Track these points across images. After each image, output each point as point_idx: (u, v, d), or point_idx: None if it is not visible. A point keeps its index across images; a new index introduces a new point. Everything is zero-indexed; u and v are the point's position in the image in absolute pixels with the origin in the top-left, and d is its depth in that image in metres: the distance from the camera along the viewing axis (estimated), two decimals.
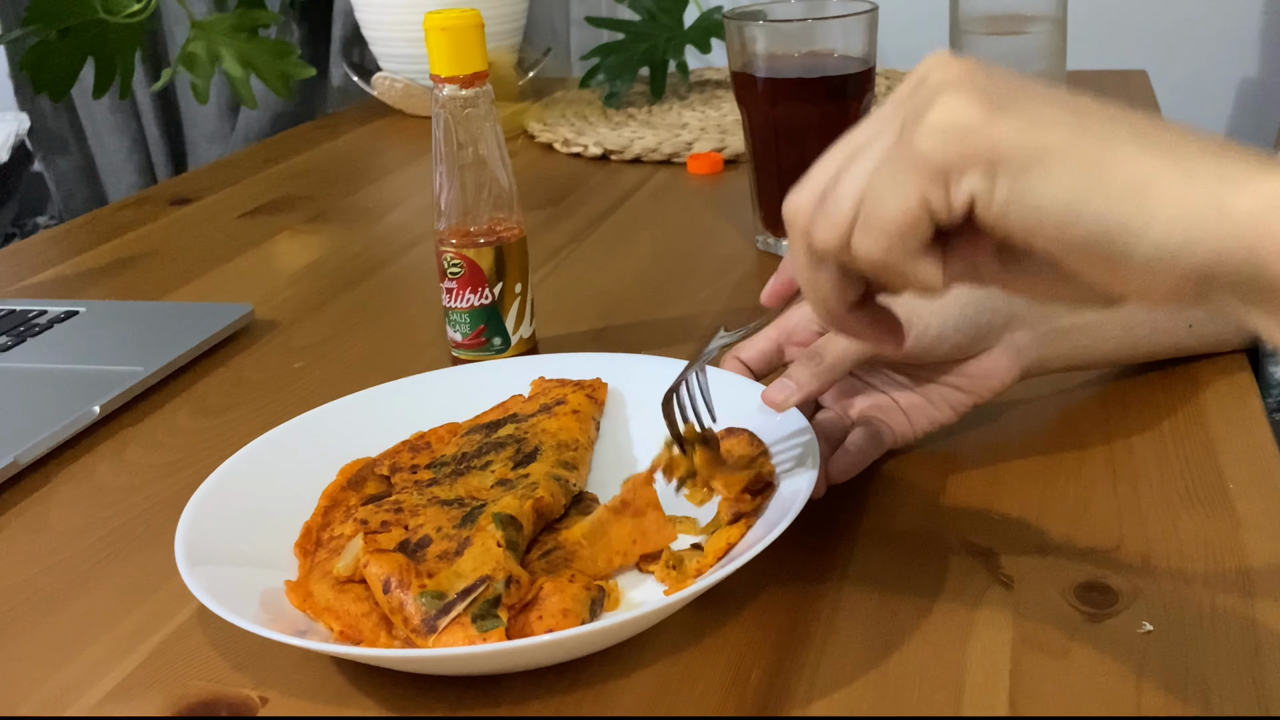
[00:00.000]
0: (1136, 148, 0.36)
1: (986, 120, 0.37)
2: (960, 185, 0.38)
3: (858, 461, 0.60)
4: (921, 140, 0.38)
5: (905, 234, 0.40)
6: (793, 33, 0.90)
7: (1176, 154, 0.36)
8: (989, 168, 0.38)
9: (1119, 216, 0.36)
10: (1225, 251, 0.35)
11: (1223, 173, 0.35)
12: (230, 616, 0.48)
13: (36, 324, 0.87)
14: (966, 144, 0.38)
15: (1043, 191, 0.37)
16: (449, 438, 0.64)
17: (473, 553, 0.51)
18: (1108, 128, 0.37)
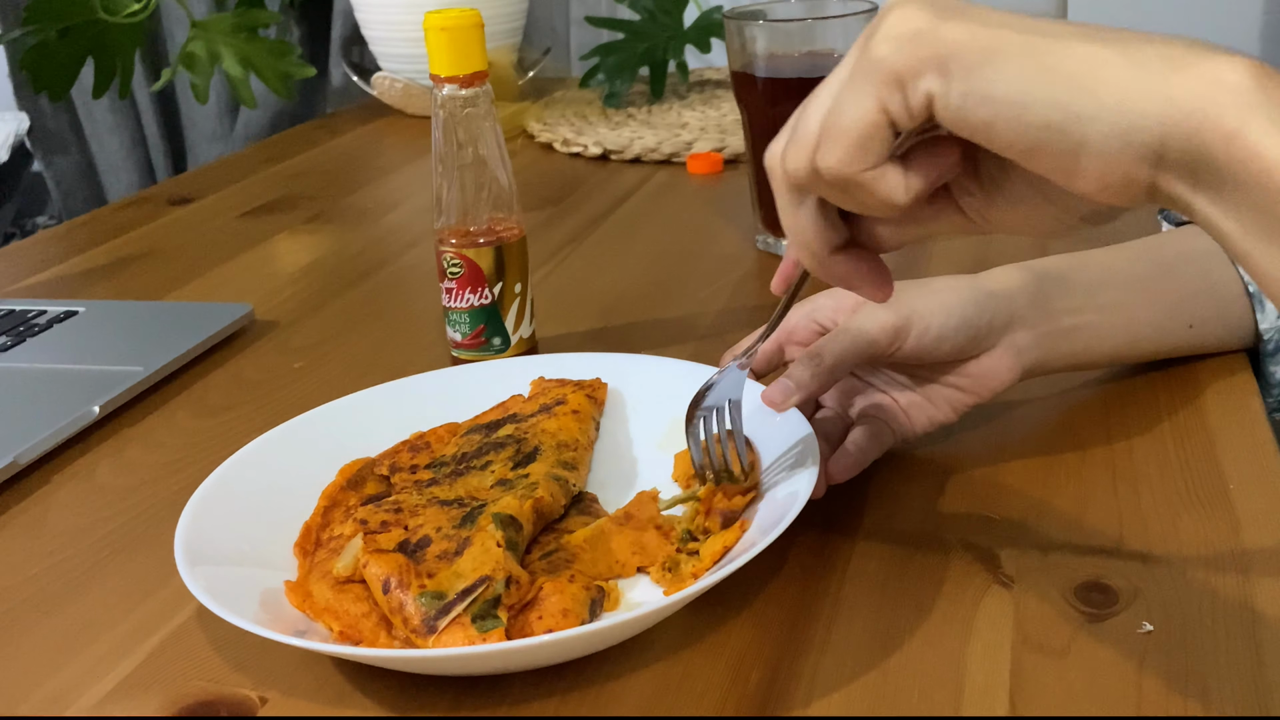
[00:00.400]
0: (1083, 40, 0.38)
1: (936, 24, 0.39)
2: (917, 86, 0.39)
3: (858, 461, 0.60)
4: (876, 49, 0.40)
5: (865, 141, 0.41)
6: (793, 33, 0.90)
7: (1123, 44, 0.37)
8: (942, 67, 0.39)
9: (1069, 102, 0.37)
10: (1170, 132, 0.36)
11: (1168, 56, 0.36)
12: (230, 617, 0.48)
13: (36, 324, 0.87)
14: (919, 47, 0.39)
15: (995, 83, 0.38)
16: (449, 438, 0.64)
17: (472, 553, 0.51)
18: (1054, 27, 0.38)
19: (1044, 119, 0.37)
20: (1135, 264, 0.66)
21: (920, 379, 0.63)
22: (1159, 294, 0.66)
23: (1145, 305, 0.66)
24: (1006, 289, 0.62)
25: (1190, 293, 0.67)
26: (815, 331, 0.63)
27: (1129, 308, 0.65)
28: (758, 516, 0.55)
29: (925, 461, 0.63)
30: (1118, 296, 0.65)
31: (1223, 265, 0.67)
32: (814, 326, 0.63)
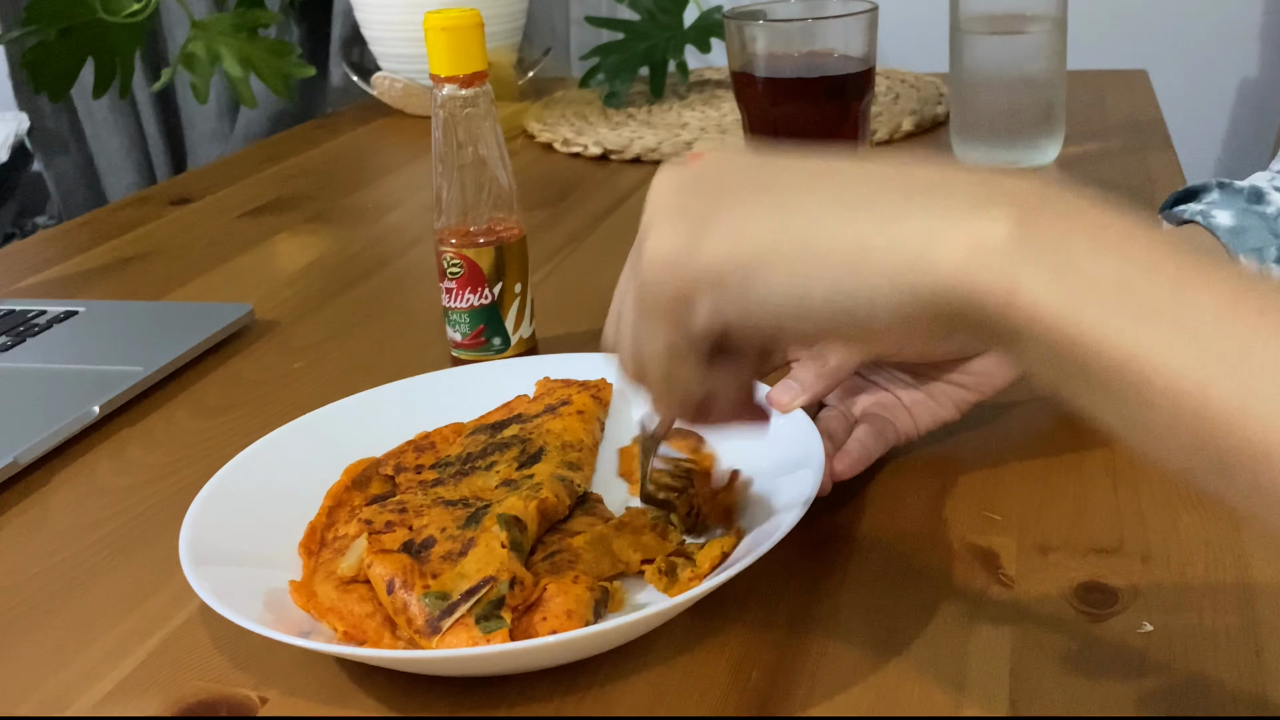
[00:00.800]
0: (841, 218, 0.36)
1: (692, 244, 0.38)
2: (695, 310, 0.39)
3: (862, 459, 0.60)
4: (645, 276, 0.40)
5: (676, 378, 0.42)
6: (793, 33, 0.90)
7: (882, 212, 0.36)
8: (711, 289, 0.38)
9: (843, 293, 0.36)
10: (948, 303, 0.35)
11: (928, 225, 0.35)
12: (234, 617, 0.48)
13: (36, 324, 0.87)
14: (680, 274, 0.39)
15: (768, 294, 0.37)
16: (454, 438, 0.64)
17: (477, 554, 0.51)
18: (811, 206, 0.37)
19: (825, 312, 0.37)
20: None
21: (923, 377, 0.63)
22: None
23: None
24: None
25: None
26: None
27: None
28: (760, 517, 0.55)
29: (925, 461, 0.63)
30: None
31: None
32: None
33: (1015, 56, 1.07)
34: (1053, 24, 1.06)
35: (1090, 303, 0.32)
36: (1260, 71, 1.66)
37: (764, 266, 0.37)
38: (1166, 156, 1.11)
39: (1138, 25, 1.65)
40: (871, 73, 0.90)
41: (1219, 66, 1.66)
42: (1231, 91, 1.68)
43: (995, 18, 1.07)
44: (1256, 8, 1.63)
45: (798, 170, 0.39)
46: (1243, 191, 0.70)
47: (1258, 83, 1.66)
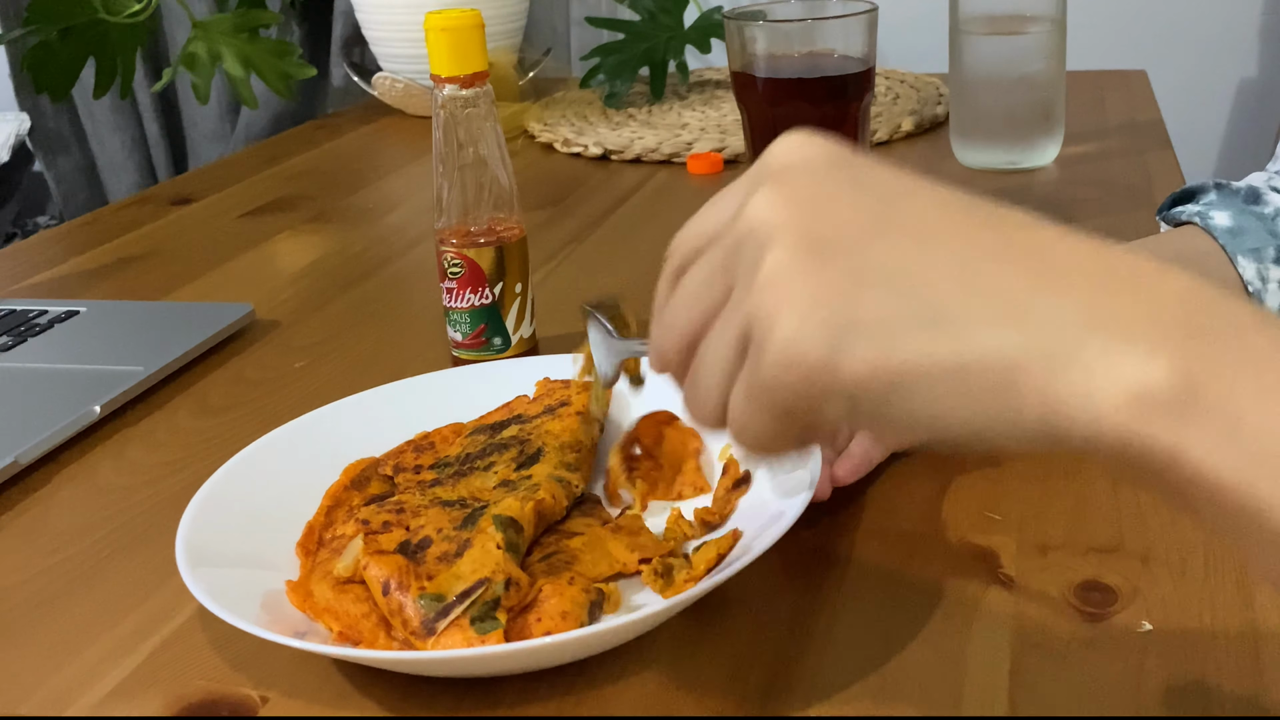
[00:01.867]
0: (994, 328, 0.33)
1: (833, 356, 0.35)
2: (822, 415, 0.37)
3: (862, 465, 0.60)
4: (770, 376, 0.36)
5: (779, 447, 0.39)
6: (793, 33, 0.90)
7: (1039, 322, 0.33)
8: (846, 402, 0.36)
9: (986, 420, 0.34)
10: (1100, 449, 0.33)
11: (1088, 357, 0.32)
12: (230, 618, 0.48)
13: (37, 324, 0.87)
14: (817, 386, 0.35)
15: (907, 414, 0.35)
16: (453, 438, 0.64)
17: (472, 555, 0.51)
18: (961, 304, 0.34)
19: (963, 433, 0.35)
20: None
21: None
22: None
23: None
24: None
25: None
26: None
27: None
28: (757, 517, 0.55)
29: (925, 461, 0.63)
30: None
31: (1221, 265, 0.67)
32: None
33: (1015, 57, 1.07)
34: (1052, 24, 1.06)
35: (1259, 469, 0.31)
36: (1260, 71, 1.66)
37: (910, 388, 0.34)
38: (1166, 156, 1.11)
39: (1138, 25, 1.65)
40: (871, 73, 0.90)
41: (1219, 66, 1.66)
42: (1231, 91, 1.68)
43: (995, 18, 1.07)
44: (1256, 8, 1.63)
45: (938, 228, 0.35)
46: (1240, 192, 0.70)
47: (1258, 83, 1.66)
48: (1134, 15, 1.65)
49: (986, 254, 0.35)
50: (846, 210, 0.36)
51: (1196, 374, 0.31)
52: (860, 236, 0.35)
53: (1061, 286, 0.34)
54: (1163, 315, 0.32)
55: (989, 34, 1.07)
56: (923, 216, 0.36)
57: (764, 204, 0.37)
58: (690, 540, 0.56)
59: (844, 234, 0.36)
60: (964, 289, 0.34)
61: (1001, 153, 1.10)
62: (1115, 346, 0.32)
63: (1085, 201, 1.00)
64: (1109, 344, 0.32)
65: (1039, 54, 1.06)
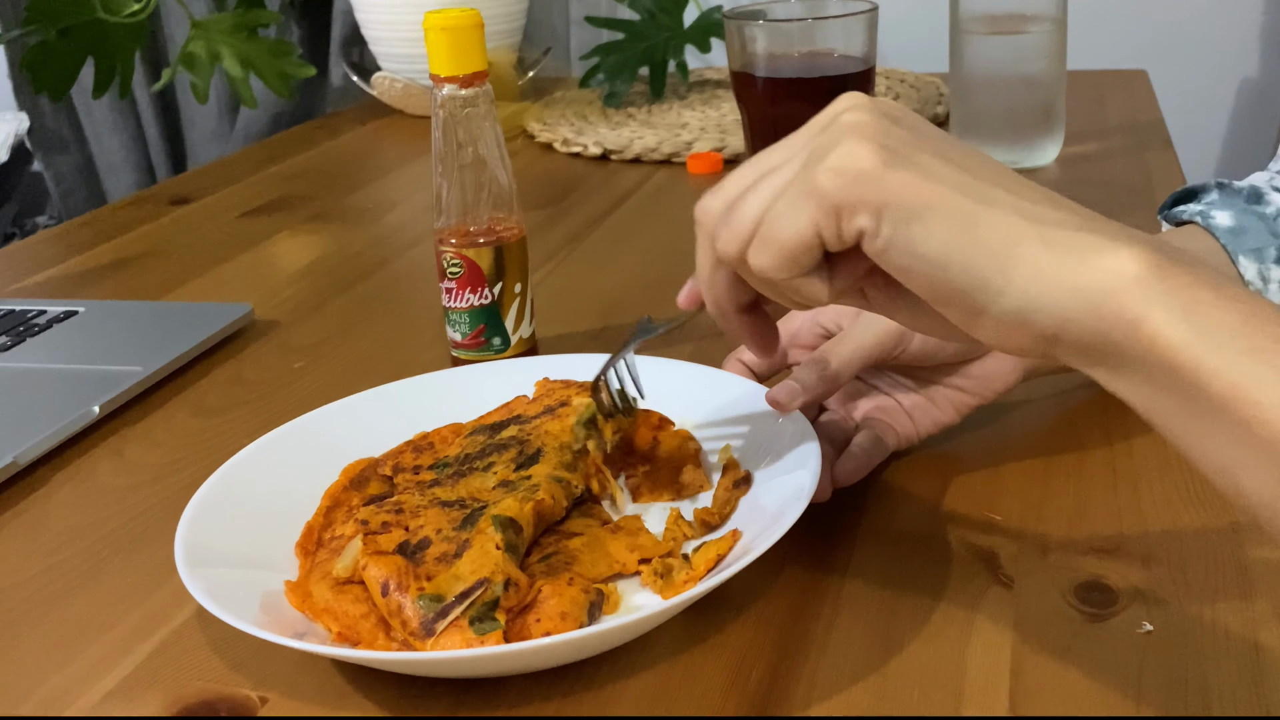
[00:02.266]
0: (1008, 211, 0.40)
1: (882, 169, 0.41)
2: (852, 222, 0.42)
3: (863, 465, 0.60)
4: (822, 177, 0.42)
5: (797, 255, 0.44)
6: (793, 33, 0.90)
7: (1043, 221, 0.40)
8: (877, 211, 0.41)
9: (982, 273, 0.40)
10: (1071, 319, 0.39)
11: (1079, 244, 0.39)
12: (229, 618, 0.48)
13: (36, 324, 0.87)
14: (861, 188, 0.41)
15: (921, 239, 0.41)
16: (452, 438, 0.64)
17: (471, 555, 0.51)
18: (988, 189, 0.41)
19: (957, 283, 0.41)
20: None
21: (923, 380, 0.63)
22: None
23: None
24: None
25: None
26: (819, 335, 0.63)
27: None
28: (757, 518, 0.55)
29: (925, 461, 0.63)
30: None
31: (1222, 265, 0.67)
32: (818, 330, 0.63)
33: (1015, 56, 1.07)
34: (1053, 24, 1.06)
35: (1209, 343, 0.36)
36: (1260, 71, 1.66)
37: (931, 214, 0.41)
38: (1166, 156, 1.11)
39: (1138, 25, 1.65)
40: (871, 73, 0.90)
41: (1219, 66, 1.66)
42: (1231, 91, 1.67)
43: (995, 18, 1.07)
44: (1256, 8, 1.63)
45: (974, 151, 0.43)
46: (1242, 192, 0.70)
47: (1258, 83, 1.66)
48: (1134, 15, 1.65)
49: (1018, 177, 0.43)
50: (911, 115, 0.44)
51: (1164, 272, 0.38)
52: (923, 126, 0.44)
53: (1070, 209, 0.41)
54: (1140, 240, 0.39)
55: (989, 34, 1.07)
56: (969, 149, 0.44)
57: (852, 107, 0.44)
58: (690, 541, 0.56)
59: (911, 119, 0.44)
60: (996, 176, 0.42)
61: (1002, 152, 1.10)
62: (1102, 243, 0.39)
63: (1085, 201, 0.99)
64: (1098, 241, 0.39)
65: (1039, 54, 1.06)
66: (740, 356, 0.65)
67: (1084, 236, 0.39)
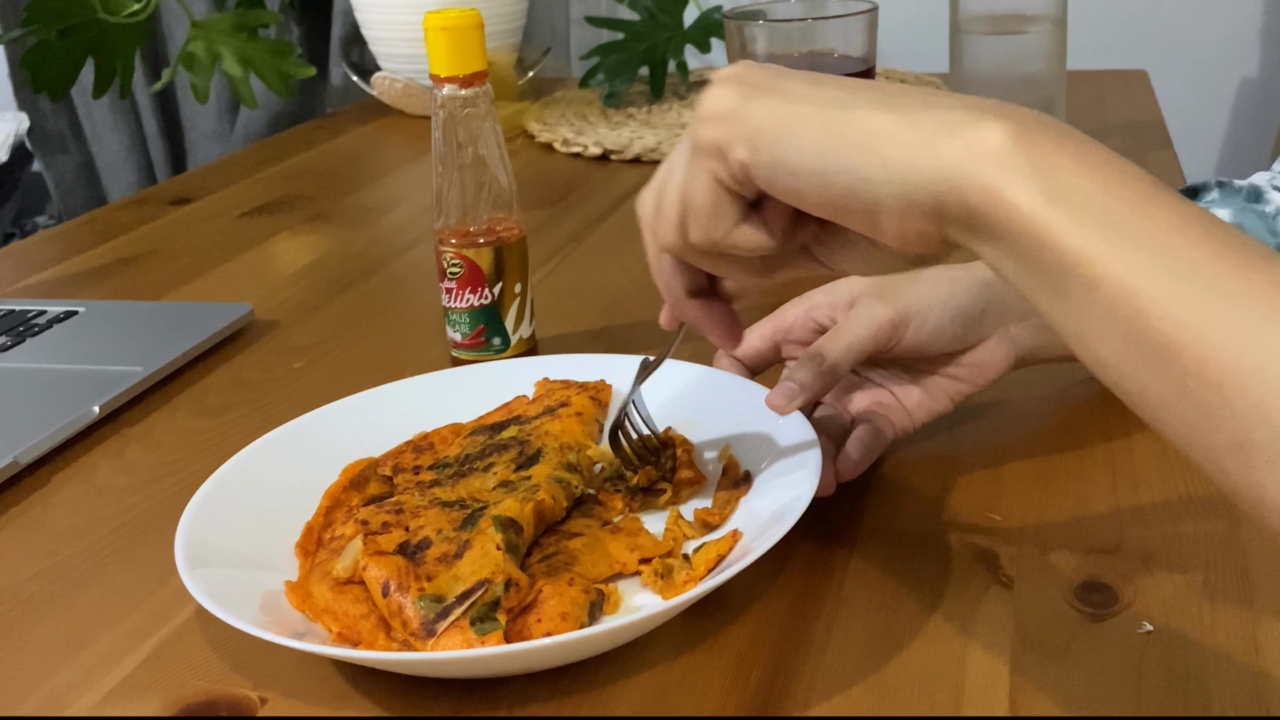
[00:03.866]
0: (873, 109, 0.41)
1: (743, 103, 0.43)
2: (732, 158, 0.43)
3: (864, 459, 0.60)
4: (698, 129, 0.45)
5: (716, 209, 0.45)
6: (793, 33, 0.90)
7: (909, 110, 0.41)
8: (749, 141, 0.43)
9: (858, 168, 0.41)
10: (943, 191, 0.39)
11: (943, 122, 0.40)
12: (229, 619, 0.48)
13: (36, 324, 0.87)
14: (729, 125, 0.43)
15: (796, 155, 0.42)
16: (452, 438, 0.64)
17: (472, 555, 0.51)
18: (850, 95, 0.42)
19: (840, 184, 0.41)
20: None
21: (917, 371, 0.63)
22: None
23: None
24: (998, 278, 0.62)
25: None
26: (812, 330, 0.63)
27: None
28: (757, 519, 0.55)
29: (925, 461, 0.63)
30: None
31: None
32: (811, 324, 0.63)
33: (1015, 56, 1.07)
34: (1053, 24, 1.06)
35: (1060, 208, 0.37)
36: (1260, 71, 1.66)
37: (797, 131, 0.42)
38: (1166, 156, 1.11)
39: (1138, 25, 1.65)
40: (871, 73, 0.90)
41: (1219, 66, 1.66)
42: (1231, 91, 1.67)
43: (995, 18, 1.07)
44: (1256, 8, 1.63)
45: (854, 79, 0.44)
46: (1242, 190, 0.70)
47: (1258, 83, 1.66)
48: (1134, 15, 1.65)
49: (879, 84, 0.43)
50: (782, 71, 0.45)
51: (1025, 143, 0.38)
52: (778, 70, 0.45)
53: (933, 98, 0.41)
54: (1005, 111, 0.40)
55: (989, 34, 1.07)
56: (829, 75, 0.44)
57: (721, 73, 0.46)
58: (690, 541, 0.56)
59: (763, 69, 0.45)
60: (857, 87, 0.43)
61: None
62: (968, 118, 0.39)
63: None
64: (964, 116, 0.40)
65: (1039, 54, 1.06)
66: (733, 353, 0.65)
67: (951, 114, 0.40)
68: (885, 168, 0.40)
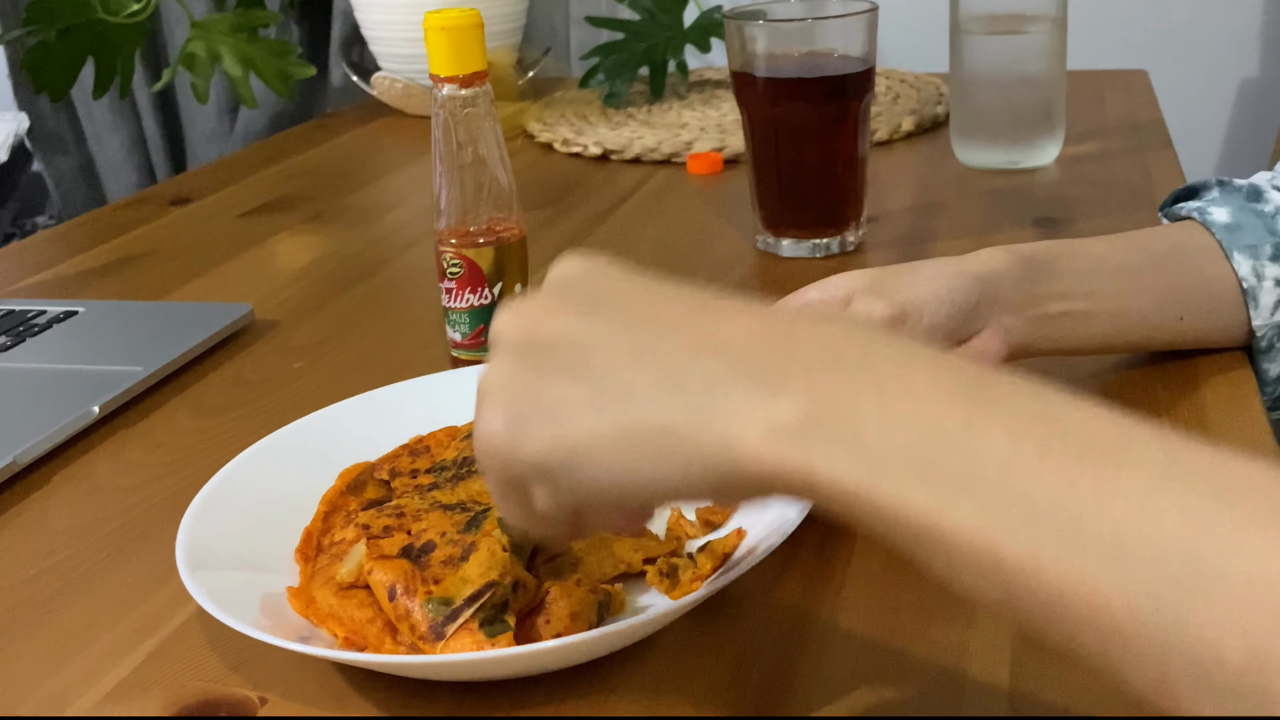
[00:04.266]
0: (653, 401, 0.37)
1: (514, 437, 0.39)
2: (534, 495, 0.40)
3: None
4: (481, 463, 0.41)
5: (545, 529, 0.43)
6: (793, 33, 0.90)
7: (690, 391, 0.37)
8: (541, 477, 0.39)
9: (661, 477, 0.37)
10: (753, 481, 0.36)
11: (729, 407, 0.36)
12: (234, 623, 0.47)
13: (36, 324, 0.87)
14: (508, 464, 0.40)
15: (594, 480, 0.38)
16: (448, 441, 0.64)
17: (478, 558, 0.51)
18: (625, 387, 0.38)
19: (650, 490, 0.38)
20: (1127, 254, 0.67)
21: None
22: (1150, 285, 0.66)
23: (1135, 295, 0.66)
24: (992, 271, 0.62)
25: (1182, 286, 0.67)
26: None
27: (1118, 297, 0.65)
28: (760, 517, 0.55)
29: None
30: (1107, 285, 0.65)
31: (1216, 260, 0.67)
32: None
33: (1015, 56, 1.07)
34: (1053, 24, 1.06)
35: (883, 471, 0.33)
36: (1260, 71, 1.66)
37: (585, 457, 0.38)
38: (1166, 156, 1.11)
39: (1138, 25, 1.65)
40: (871, 73, 0.90)
41: (1219, 66, 1.66)
42: (1231, 91, 1.67)
43: (995, 18, 1.07)
44: (1256, 8, 1.63)
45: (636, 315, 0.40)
46: (1241, 189, 0.70)
47: (1258, 83, 1.66)
48: (1134, 15, 1.65)
49: (665, 330, 0.39)
50: (561, 317, 0.40)
51: (821, 401, 0.35)
52: (562, 335, 0.39)
53: (718, 351, 0.37)
54: (799, 361, 0.36)
55: (989, 33, 1.07)
56: (627, 308, 0.40)
57: (498, 323, 0.42)
58: (692, 540, 0.56)
59: (550, 335, 0.40)
60: (634, 364, 0.38)
61: (1002, 153, 1.10)
62: (751, 391, 0.36)
63: (1085, 201, 1.00)
64: (747, 391, 0.36)
65: (1039, 54, 1.06)
66: None
67: (738, 390, 0.36)
68: (687, 469, 0.36)
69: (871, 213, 0.99)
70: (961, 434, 0.33)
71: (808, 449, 0.34)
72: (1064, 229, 0.94)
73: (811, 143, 0.91)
